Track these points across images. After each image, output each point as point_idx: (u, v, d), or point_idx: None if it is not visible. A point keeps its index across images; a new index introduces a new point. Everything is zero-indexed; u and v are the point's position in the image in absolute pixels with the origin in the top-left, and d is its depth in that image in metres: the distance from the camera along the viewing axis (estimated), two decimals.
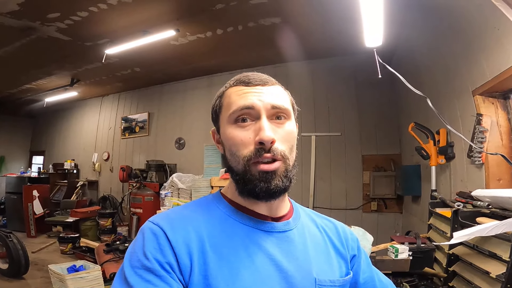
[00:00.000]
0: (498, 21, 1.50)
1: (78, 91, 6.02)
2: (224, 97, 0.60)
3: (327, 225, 0.70)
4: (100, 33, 3.61)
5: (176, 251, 0.49)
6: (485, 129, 1.69)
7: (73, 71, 5.01)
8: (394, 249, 1.53)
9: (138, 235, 0.53)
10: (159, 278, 0.46)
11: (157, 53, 4.12)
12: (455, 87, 2.08)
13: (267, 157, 0.53)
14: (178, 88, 5.64)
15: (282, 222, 0.60)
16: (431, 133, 2.36)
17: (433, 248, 1.57)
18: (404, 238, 1.77)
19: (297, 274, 0.55)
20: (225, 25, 3.42)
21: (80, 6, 3.00)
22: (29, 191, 5.34)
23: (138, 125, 6.06)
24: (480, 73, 1.73)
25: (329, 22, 3.30)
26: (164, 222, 0.52)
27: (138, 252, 0.49)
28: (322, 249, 0.63)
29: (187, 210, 0.59)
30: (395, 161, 3.90)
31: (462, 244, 1.33)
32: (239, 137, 0.55)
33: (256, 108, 0.54)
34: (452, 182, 2.12)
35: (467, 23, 1.86)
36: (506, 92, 1.69)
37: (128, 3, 2.93)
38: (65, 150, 7.17)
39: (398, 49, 3.38)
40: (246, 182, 0.54)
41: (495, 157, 1.67)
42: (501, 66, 1.51)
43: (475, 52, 1.80)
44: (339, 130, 4.27)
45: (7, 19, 3.16)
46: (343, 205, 4.03)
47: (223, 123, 0.58)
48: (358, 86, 4.20)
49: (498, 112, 1.72)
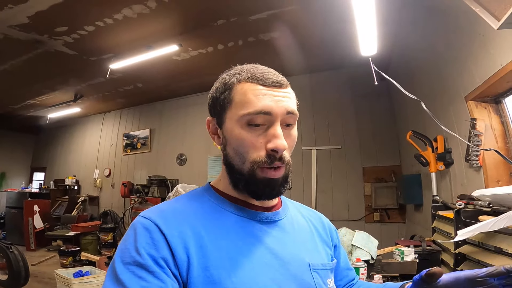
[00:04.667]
0: (482, 27, 1.57)
1: (81, 107, 6.11)
2: (236, 91, 0.55)
3: (312, 216, 0.73)
4: (105, 48, 3.71)
5: (171, 245, 0.48)
6: (480, 133, 1.72)
7: (76, 86, 5.11)
8: (400, 252, 1.53)
9: (129, 231, 0.51)
10: (152, 274, 0.45)
11: (159, 68, 4.24)
12: (449, 94, 2.13)
13: (277, 165, 0.54)
14: (179, 104, 5.73)
15: (273, 212, 0.61)
16: (429, 141, 2.40)
17: (439, 250, 1.57)
18: (409, 242, 1.79)
19: (292, 261, 0.56)
20: (226, 40, 3.54)
21: (88, 20, 3.10)
22: (30, 206, 5.40)
23: (140, 142, 6.10)
24: (471, 79, 1.79)
25: (325, 35, 3.42)
26: (157, 216, 0.51)
27: (130, 248, 0.47)
28: (309, 237, 0.66)
29: (179, 203, 0.57)
30: (396, 172, 3.93)
31: (467, 243, 1.33)
32: (250, 140, 0.54)
33: (273, 114, 0.53)
34: (452, 187, 2.13)
35: (456, 30, 1.93)
36: (497, 97, 1.74)
37: (133, 18, 3.05)
38: (66, 166, 7.18)
39: (393, 58, 3.48)
40: (249, 184, 0.55)
41: (492, 159, 1.70)
42: (489, 71, 1.56)
43: (464, 59, 1.87)
44: (339, 143, 4.32)
45: (16, 31, 3.23)
46: (345, 216, 4.00)
47: (231, 120, 0.55)
48: (356, 99, 4.29)
49: (491, 116, 1.77)
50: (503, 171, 1.67)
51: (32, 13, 2.91)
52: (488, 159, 1.70)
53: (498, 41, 1.49)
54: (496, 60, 1.50)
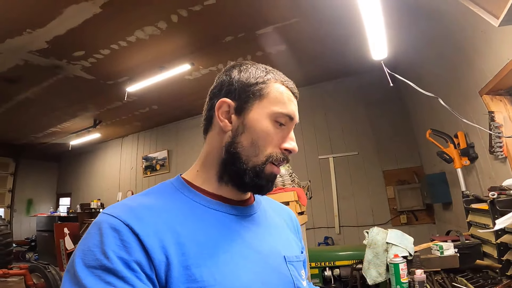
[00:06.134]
0: (482, 24, 1.60)
1: (101, 132, 6.36)
2: (272, 88, 0.58)
3: (281, 209, 0.75)
4: (120, 71, 3.87)
5: (147, 246, 0.44)
6: (500, 124, 1.72)
7: (95, 112, 5.34)
8: (439, 247, 1.49)
9: (92, 230, 0.45)
10: (122, 280, 0.40)
11: (172, 89, 4.39)
12: (462, 91, 2.12)
13: (283, 164, 0.59)
14: (194, 123, 5.87)
15: (248, 206, 0.61)
16: (449, 137, 2.36)
17: (479, 243, 1.53)
18: (446, 237, 1.76)
19: (270, 254, 0.57)
20: (235, 56, 3.64)
21: (103, 44, 3.25)
22: (60, 229, 5.65)
23: (159, 163, 6.24)
24: (481, 75, 1.79)
25: (333, 44, 3.46)
26: (128, 214, 0.46)
27: (95, 250, 0.42)
28: (282, 230, 0.67)
29: (149, 198, 0.53)
30: (418, 173, 3.83)
31: (508, 233, 1.29)
32: (272, 135, 0.56)
33: (294, 121, 0.59)
34: (481, 181, 2.05)
35: (459, 29, 1.95)
36: (510, 89, 1.73)
37: (145, 40, 3.20)
38: (90, 190, 7.41)
39: (401, 61, 3.46)
40: (255, 176, 0.55)
41: None
42: (497, 66, 1.59)
43: (472, 56, 1.89)
44: (355, 149, 4.28)
45: (36, 57, 3.37)
46: (370, 221, 3.88)
47: (260, 111, 0.56)
48: (369, 104, 4.29)
49: (508, 108, 1.76)
50: None
51: (50, 38, 3.03)
52: None
53: (501, 37, 1.53)
54: (503, 55, 1.53)
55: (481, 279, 1.29)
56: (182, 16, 2.86)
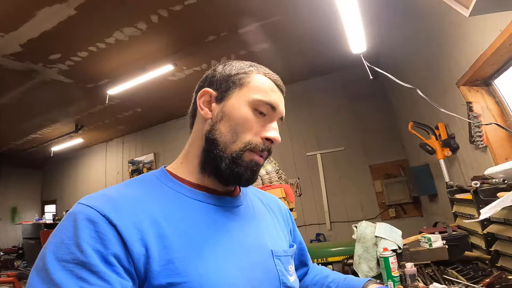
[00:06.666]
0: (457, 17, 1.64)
1: (83, 137, 6.18)
2: (253, 78, 0.58)
3: (270, 201, 0.73)
4: (100, 74, 3.74)
5: (125, 238, 0.41)
6: (478, 114, 1.77)
7: (76, 117, 5.16)
8: (427, 239, 1.49)
9: (66, 222, 0.42)
10: (96, 275, 0.38)
11: (156, 91, 4.30)
12: (441, 83, 2.17)
13: (264, 154, 0.57)
14: (179, 125, 5.78)
15: (233, 197, 0.60)
16: (430, 129, 2.41)
17: (466, 234, 1.54)
18: (433, 229, 1.76)
19: (256, 248, 0.55)
20: (218, 55, 3.60)
21: (80, 46, 3.14)
22: (46, 236, 5.38)
23: (146, 166, 6.12)
24: (458, 66, 1.84)
25: (317, 41, 3.47)
26: (105, 204, 0.44)
27: (69, 243, 0.39)
28: (270, 223, 0.65)
29: (130, 189, 0.51)
30: (403, 166, 3.90)
31: (494, 223, 1.31)
32: (252, 123, 0.55)
33: (277, 112, 0.58)
34: (463, 171, 2.10)
35: (436, 22, 1.99)
36: (486, 79, 1.78)
37: (125, 41, 3.10)
38: (76, 197, 7.17)
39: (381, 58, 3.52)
40: (234, 164, 0.54)
41: (495, 137, 1.71)
42: (472, 57, 1.62)
43: (448, 48, 1.93)
44: (342, 145, 4.32)
45: (10, 61, 3.24)
46: (360, 216, 3.92)
47: (240, 99, 0.56)
48: (354, 100, 4.34)
49: (485, 98, 1.81)
50: (509, 147, 1.66)
51: (24, 41, 2.93)
52: (491, 138, 1.71)
53: (474, 29, 1.57)
54: (477, 46, 1.56)
55: (471, 271, 1.29)
56: (163, 16, 2.79)
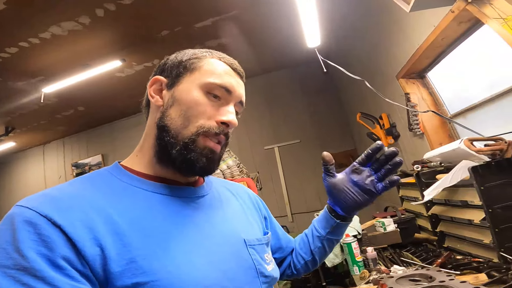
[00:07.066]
0: (398, 13, 1.81)
1: (16, 141, 5.43)
2: (206, 62, 0.56)
3: (238, 189, 0.71)
4: (33, 71, 3.33)
5: (74, 239, 0.38)
6: (415, 104, 1.99)
7: (6, 118, 4.51)
8: (381, 223, 1.58)
9: (3, 226, 0.39)
10: (42, 281, 0.35)
11: (102, 88, 3.96)
12: (383, 76, 2.38)
13: (221, 139, 0.54)
14: (130, 123, 5.42)
15: (197, 187, 0.57)
16: (375, 119, 2.65)
17: (413, 217, 1.64)
18: (385, 213, 1.87)
19: (227, 238, 0.53)
20: (172, 50, 3.28)
21: (9, 41, 2.76)
22: None
23: (93, 169, 5.62)
24: (397, 60, 2.04)
25: (273, 36, 3.53)
26: (46, 205, 0.40)
27: (7, 247, 0.36)
28: (240, 212, 0.63)
29: (75, 186, 0.46)
30: (353, 155, 4.18)
31: (436, 204, 1.41)
32: (204, 106, 0.52)
33: (233, 96, 0.55)
34: (405, 157, 2.34)
35: (380, 17, 2.17)
36: (420, 72, 2.01)
37: (63, 36, 2.80)
38: (11, 205, 6.29)
39: (331, 53, 3.73)
40: (187, 150, 0.50)
41: (431, 125, 1.94)
42: (409, 51, 1.81)
43: (389, 43, 2.12)
44: (298, 138, 4.49)
45: None
46: (318, 206, 4.14)
47: (191, 83, 0.53)
48: (308, 93, 4.54)
49: (420, 90, 2.03)
50: (443, 133, 1.91)
51: None
52: (427, 126, 1.94)
53: (412, 24, 1.74)
54: (414, 41, 1.73)
55: (423, 252, 1.35)
56: (110, 10, 2.57)
